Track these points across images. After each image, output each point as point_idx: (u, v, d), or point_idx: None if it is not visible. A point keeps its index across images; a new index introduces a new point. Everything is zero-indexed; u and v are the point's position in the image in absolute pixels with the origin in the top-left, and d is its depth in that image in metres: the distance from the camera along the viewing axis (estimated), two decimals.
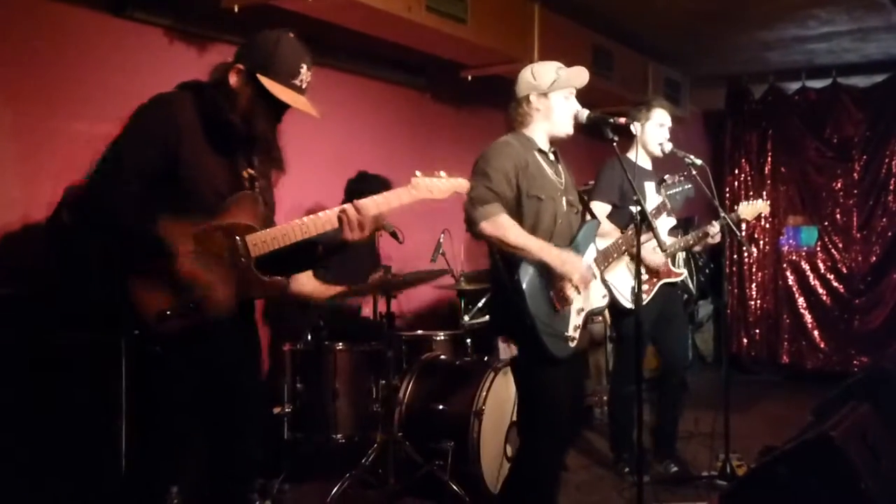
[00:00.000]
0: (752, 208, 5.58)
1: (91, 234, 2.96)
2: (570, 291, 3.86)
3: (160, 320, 2.83)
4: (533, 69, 4.01)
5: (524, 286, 3.75)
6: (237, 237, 2.95)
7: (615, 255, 4.22)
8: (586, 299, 3.98)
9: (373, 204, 3.16)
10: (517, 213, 3.87)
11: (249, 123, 2.99)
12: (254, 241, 2.98)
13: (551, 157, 4.07)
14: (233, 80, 2.99)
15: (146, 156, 2.86)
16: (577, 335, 3.88)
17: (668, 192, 4.87)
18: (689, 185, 4.92)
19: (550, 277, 3.81)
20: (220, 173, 2.98)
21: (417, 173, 3.26)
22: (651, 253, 4.94)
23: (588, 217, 4.18)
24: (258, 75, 2.97)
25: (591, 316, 4.17)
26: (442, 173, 3.31)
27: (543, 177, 3.95)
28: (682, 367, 5.58)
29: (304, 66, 3.03)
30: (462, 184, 3.36)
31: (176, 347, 2.89)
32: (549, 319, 3.79)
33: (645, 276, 5.12)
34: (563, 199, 4.00)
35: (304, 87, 3.05)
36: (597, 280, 4.05)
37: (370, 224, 3.14)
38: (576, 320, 3.89)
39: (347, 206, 3.11)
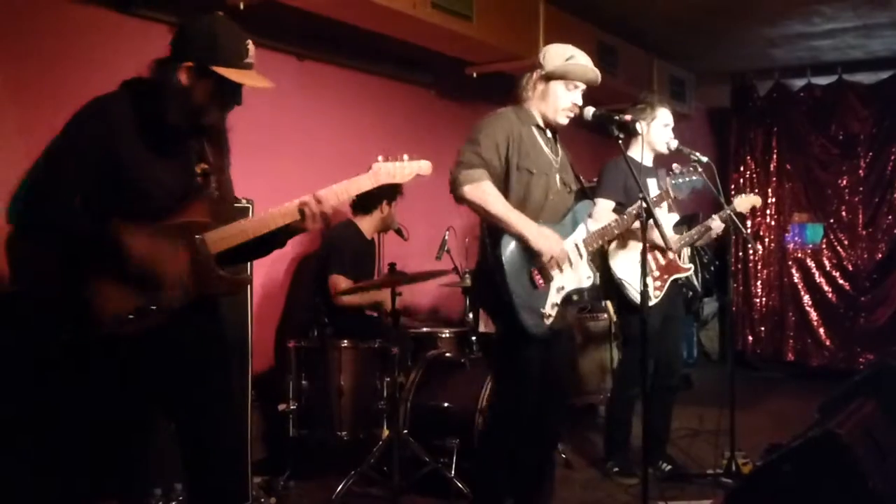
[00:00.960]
0: (745, 201, 5.57)
1: (36, 245, 2.91)
2: (552, 268, 3.85)
3: (120, 323, 2.80)
4: (548, 49, 4.04)
5: (504, 260, 3.77)
6: (196, 235, 2.92)
7: (606, 238, 4.20)
8: (569, 278, 3.95)
9: (333, 194, 3.12)
10: (505, 184, 3.89)
11: (203, 119, 2.95)
12: (213, 239, 2.96)
13: (548, 133, 4.07)
14: (183, 78, 2.91)
15: (85, 164, 2.80)
16: (553, 313, 3.86)
17: (674, 182, 4.85)
18: (697, 177, 4.90)
19: (532, 253, 3.80)
20: (169, 172, 2.93)
21: (379, 158, 3.25)
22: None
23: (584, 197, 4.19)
24: (213, 67, 2.88)
25: (575, 295, 4.12)
26: (405, 156, 3.29)
27: (537, 151, 3.95)
28: (679, 368, 5.57)
29: (249, 43, 2.96)
30: (423, 166, 3.33)
31: (137, 349, 2.86)
32: (528, 295, 3.79)
33: (656, 274, 5.12)
34: (557, 176, 4.01)
35: (252, 62, 2.97)
36: (583, 260, 4.03)
37: (331, 214, 3.11)
38: (554, 298, 3.88)
39: (308, 198, 3.06)
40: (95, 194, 2.84)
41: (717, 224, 5.26)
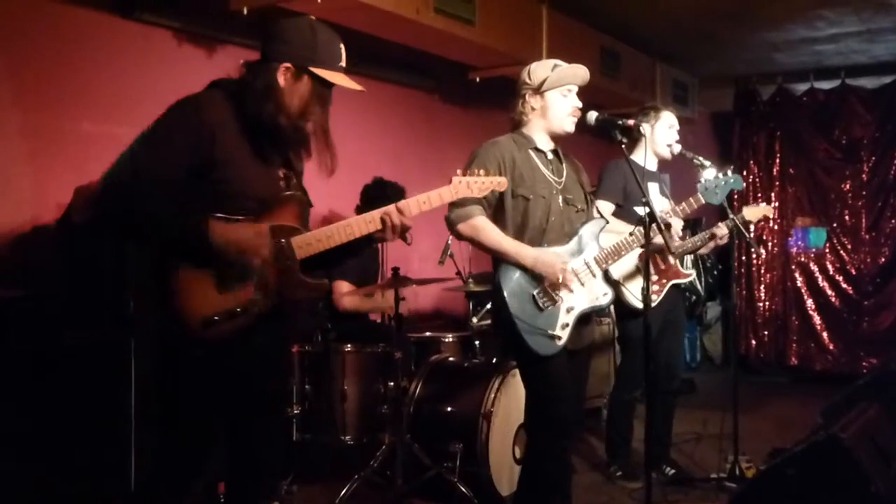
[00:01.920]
0: (757, 211, 5.56)
1: (119, 233, 2.90)
2: (558, 290, 3.87)
3: (207, 326, 2.79)
4: (529, 68, 4.03)
5: (504, 286, 3.83)
6: (283, 239, 2.92)
7: (621, 254, 4.19)
8: (579, 297, 3.96)
9: (416, 204, 3.13)
10: (502, 212, 3.93)
11: (304, 119, 2.95)
12: (299, 244, 2.94)
13: (550, 155, 4.07)
14: (282, 80, 2.91)
15: (175, 159, 2.78)
16: (564, 334, 3.86)
17: (707, 188, 4.81)
18: (735, 178, 4.86)
19: (534, 277, 3.85)
20: (258, 175, 2.93)
21: (458, 171, 3.27)
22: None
23: (594, 215, 4.19)
24: (313, 69, 2.91)
25: (594, 314, 4.18)
26: (481, 171, 3.31)
27: (535, 175, 3.96)
28: (679, 372, 5.57)
29: (342, 45, 2.99)
30: (501, 181, 3.39)
31: (218, 352, 2.84)
32: (532, 318, 3.82)
33: (654, 277, 5.11)
34: (560, 197, 4.01)
35: (345, 65, 3.01)
36: (597, 278, 4.03)
37: (410, 226, 3.12)
38: (564, 318, 3.88)
39: (391, 208, 3.08)
40: (185, 193, 2.81)
41: (722, 231, 5.23)
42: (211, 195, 2.83)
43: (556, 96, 3.97)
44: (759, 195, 9.63)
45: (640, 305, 5.01)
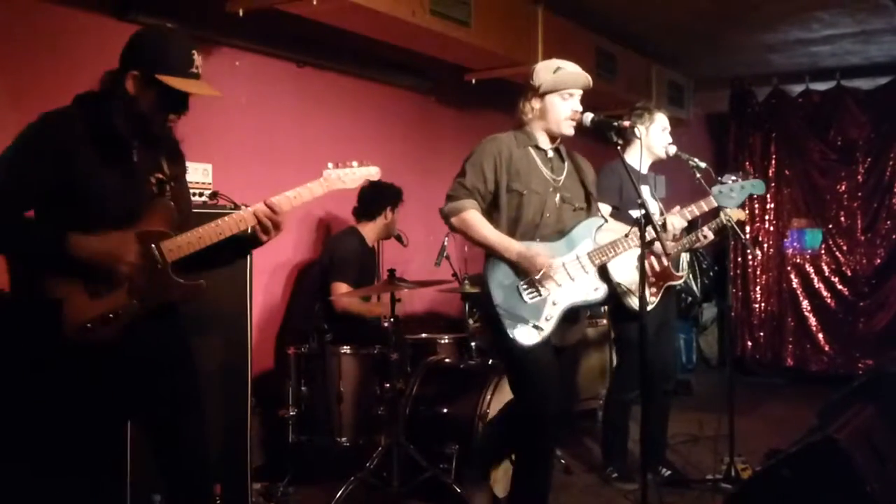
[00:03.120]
0: (733, 214, 5.55)
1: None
2: (543, 283, 3.89)
3: (82, 333, 2.82)
4: (535, 69, 4.09)
5: (490, 276, 3.93)
6: (152, 244, 2.95)
7: (616, 251, 4.20)
8: (566, 291, 3.96)
9: (286, 201, 3.16)
10: (496, 205, 4.00)
11: (150, 127, 2.97)
12: (169, 247, 2.98)
13: (550, 153, 4.10)
14: (130, 86, 2.94)
15: (34, 179, 2.82)
16: (547, 326, 3.88)
17: (722, 192, 4.82)
18: (757, 182, 4.85)
19: (518, 270, 3.91)
20: (123, 183, 2.94)
21: (329, 165, 3.32)
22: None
23: (593, 213, 4.21)
24: (158, 76, 2.91)
25: (584, 313, 4.21)
26: (354, 163, 3.36)
27: (531, 171, 4.01)
28: (673, 373, 5.58)
29: (195, 52, 2.99)
30: (372, 171, 3.42)
31: (99, 358, 2.87)
32: (516, 309, 3.88)
33: (652, 279, 5.12)
34: (557, 195, 4.04)
35: (199, 72, 3.00)
36: (588, 274, 4.04)
37: (282, 222, 3.14)
38: (549, 311, 3.90)
39: (260, 206, 3.11)
40: (48, 208, 2.86)
41: (709, 234, 5.23)
42: (74, 210, 2.85)
43: (556, 99, 4.01)
44: (755, 196, 9.63)
45: (636, 306, 5.01)
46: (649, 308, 5.03)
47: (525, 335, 3.85)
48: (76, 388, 2.92)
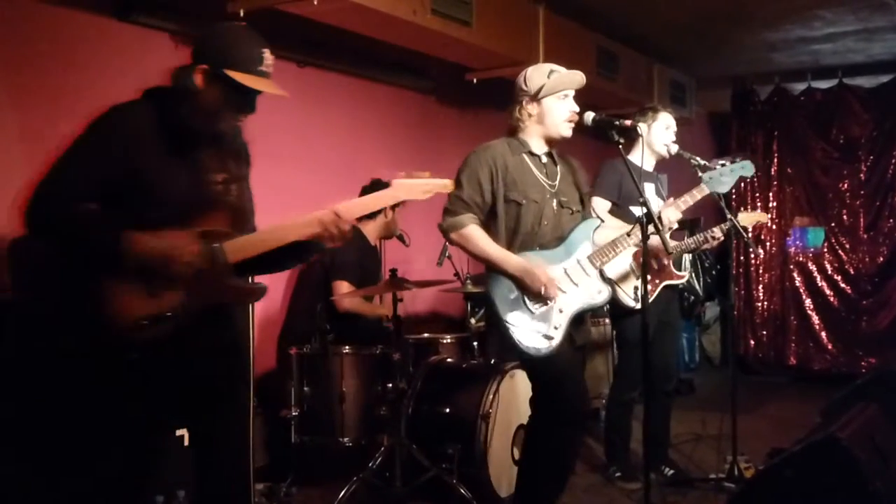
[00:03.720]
0: (751, 217, 5.55)
1: (49, 249, 2.90)
2: (545, 297, 3.87)
3: (137, 329, 2.80)
4: (525, 74, 4.04)
5: (493, 291, 3.90)
6: (214, 244, 2.92)
7: (616, 252, 4.19)
8: (572, 297, 3.96)
9: (355, 208, 3.10)
10: (494, 216, 3.97)
11: (216, 123, 2.95)
12: (231, 248, 2.95)
13: (544, 159, 4.08)
14: (198, 81, 2.91)
15: (101, 171, 2.81)
16: (557, 334, 3.88)
17: (712, 177, 4.81)
18: (745, 164, 4.84)
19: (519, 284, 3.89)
20: (187, 180, 2.92)
21: (401, 174, 3.25)
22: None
23: (589, 215, 4.21)
24: (226, 71, 2.89)
25: (589, 313, 4.20)
26: (426, 173, 3.29)
27: (527, 180, 3.98)
28: (674, 373, 5.57)
29: (266, 51, 2.99)
30: (446, 184, 3.36)
31: (152, 355, 2.85)
32: (523, 321, 3.86)
33: (648, 277, 5.10)
34: (554, 200, 4.03)
35: (270, 71, 3.00)
36: (591, 277, 4.04)
37: (349, 230, 3.09)
38: (557, 319, 3.89)
39: (327, 212, 3.02)
40: (112, 201, 2.84)
41: (717, 234, 5.23)
42: (136, 203, 2.84)
43: (553, 102, 3.99)
44: (758, 195, 9.66)
45: (633, 304, 5.02)
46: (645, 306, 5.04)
47: (538, 347, 3.85)
48: (123, 386, 2.90)
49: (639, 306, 4.96)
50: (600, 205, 5.04)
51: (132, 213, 2.82)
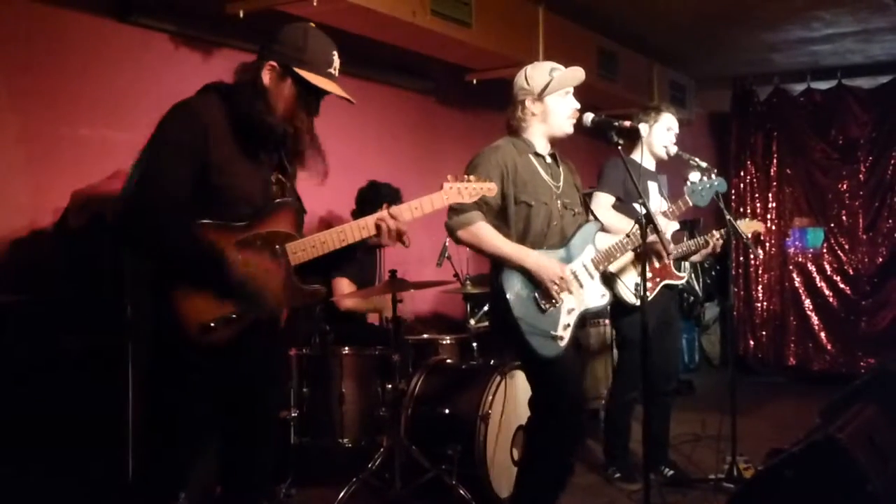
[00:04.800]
0: (749, 226, 5.54)
1: (134, 252, 2.90)
2: (558, 292, 3.87)
3: (204, 332, 2.79)
4: (526, 73, 4.04)
5: (506, 289, 3.83)
6: (277, 246, 2.92)
7: (618, 255, 4.21)
8: (579, 299, 3.98)
9: (408, 210, 3.14)
10: (504, 218, 3.94)
11: (289, 122, 2.94)
12: (293, 250, 2.95)
13: (548, 159, 4.08)
14: (266, 78, 2.91)
15: (182, 167, 2.78)
16: (566, 334, 3.89)
17: (695, 191, 4.84)
18: (719, 180, 4.89)
19: (535, 279, 3.85)
20: (252, 179, 2.92)
21: (449, 177, 3.28)
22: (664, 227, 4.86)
23: (589, 217, 4.21)
24: (296, 69, 2.90)
25: (592, 316, 4.22)
26: (471, 177, 3.32)
27: (536, 181, 3.98)
28: (674, 374, 5.57)
29: (336, 54, 2.98)
30: (491, 187, 3.40)
31: (214, 358, 2.85)
32: (535, 320, 3.84)
33: (648, 275, 5.10)
34: (559, 202, 4.03)
35: (337, 74, 3.00)
36: (594, 280, 4.05)
37: (405, 231, 3.12)
38: (566, 319, 3.90)
39: (384, 214, 3.09)
40: (191, 198, 2.82)
41: (716, 240, 5.23)
42: (208, 201, 2.82)
43: (556, 99, 3.99)
44: (757, 195, 9.66)
45: (633, 300, 5.01)
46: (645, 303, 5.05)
47: (546, 347, 3.84)
48: (189, 386, 2.90)
49: (636, 303, 4.99)
50: (604, 199, 5.04)
51: (206, 210, 2.80)
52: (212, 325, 2.80)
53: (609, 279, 4.98)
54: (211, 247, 2.77)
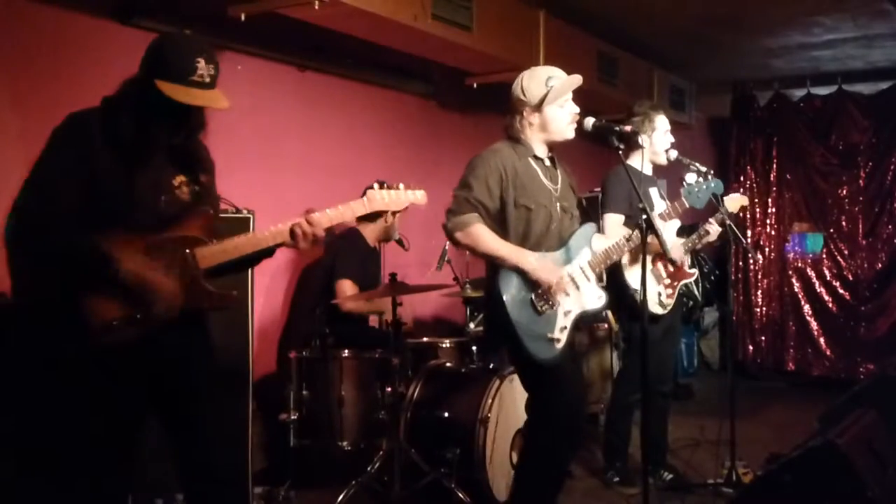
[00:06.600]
0: (735, 201, 5.54)
1: (31, 261, 2.94)
2: (554, 294, 3.87)
3: (106, 331, 2.84)
4: (522, 83, 4.01)
5: (503, 291, 3.82)
6: (186, 250, 2.98)
7: (614, 257, 4.22)
8: (576, 301, 3.98)
9: (325, 217, 3.19)
10: (503, 222, 3.93)
11: (153, 132, 2.96)
12: (203, 254, 3.01)
13: (547, 162, 4.09)
14: (133, 90, 2.96)
15: (70, 180, 2.85)
16: (563, 336, 3.89)
17: (691, 192, 4.85)
18: (716, 182, 4.90)
19: (531, 281, 3.85)
20: (148, 186, 2.97)
21: (374, 185, 3.31)
22: (673, 249, 4.87)
23: (586, 220, 4.22)
24: (156, 81, 2.90)
25: (591, 319, 4.21)
26: (401, 185, 3.36)
27: (535, 184, 3.97)
28: (671, 375, 5.58)
29: (202, 61, 2.94)
30: (419, 197, 3.41)
31: (120, 357, 2.89)
32: (531, 323, 3.83)
33: (667, 281, 5.12)
34: (558, 205, 4.03)
35: (206, 81, 2.97)
36: (591, 282, 4.05)
37: (322, 237, 3.17)
38: (562, 322, 3.91)
39: (300, 221, 3.14)
40: (87, 207, 2.88)
41: (714, 228, 5.24)
42: (101, 209, 2.88)
43: (555, 109, 3.98)
44: (757, 201, 9.66)
45: (659, 311, 5.02)
46: (666, 311, 5.06)
47: (543, 350, 3.84)
48: (93, 388, 2.94)
49: (663, 312, 5.00)
50: (614, 219, 5.01)
51: (97, 220, 2.85)
52: (114, 322, 2.85)
53: (630, 293, 4.97)
54: (97, 247, 2.82)
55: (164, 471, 3.81)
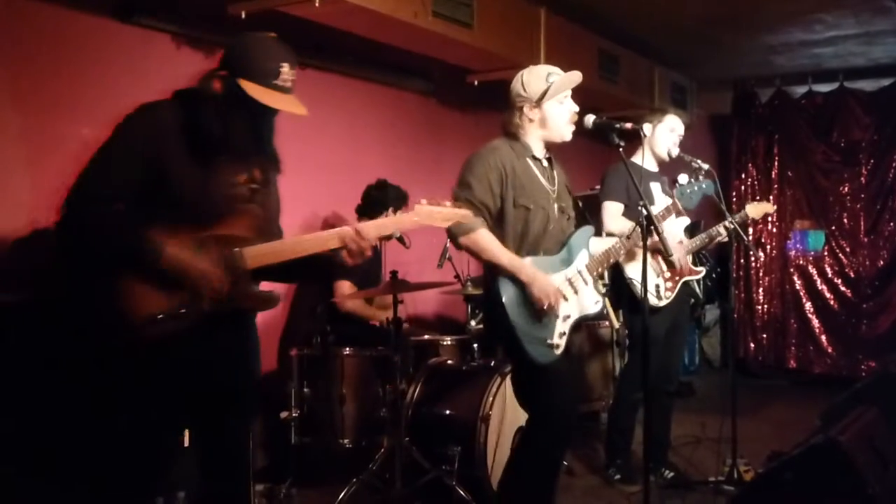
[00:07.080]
0: (759, 208, 5.57)
1: (80, 253, 2.93)
2: (550, 310, 3.86)
3: (150, 324, 2.82)
4: (523, 79, 4.00)
5: (503, 296, 3.81)
6: (234, 248, 2.96)
7: (612, 260, 4.22)
8: (575, 305, 3.97)
9: (374, 228, 3.14)
10: (502, 221, 3.92)
11: (229, 129, 2.97)
12: (250, 254, 2.99)
13: (545, 163, 4.07)
14: (217, 86, 2.96)
15: (132, 169, 2.85)
16: (562, 342, 3.88)
17: (684, 193, 4.86)
18: (707, 183, 4.91)
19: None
20: (213, 182, 2.96)
21: (423, 201, 3.26)
22: (674, 248, 4.87)
23: (584, 222, 4.21)
24: (239, 80, 2.93)
25: (592, 318, 4.21)
26: (447, 203, 3.31)
27: (533, 184, 3.96)
28: (676, 374, 5.58)
29: (286, 66, 2.98)
30: (465, 214, 3.38)
31: (162, 352, 2.87)
32: (530, 327, 3.82)
33: (667, 274, 5.12)
34: (555, 205, 4.02)
35: (287, 86, 3.01)
36: (589, 286, 4.04)
37: (369, 248, 3.12)
38: (561, 327, 3.89)
39: (348, 229, 3.08)
40: (140, 199, 2.87)
41: (721, 234, 5.26)
42: (163, 202, 2.87)
43: (555, 106, 3.96)
44: (758, 198, 9.63)
45: (656, 302, 5.02)
46: (664, 303, 5.06)
47: (542, 354, 3.83)
48: (132, 385, 2.92)
49: (661, 304, 5.01)
50: (613, 208, 5.04)
51: (156, 212, 2.85)
52: (159, 316, 2.84)
53: (627, 284, 4.98)
54: (145, 239, 2.81)
55: (165, 468, 3.80)
